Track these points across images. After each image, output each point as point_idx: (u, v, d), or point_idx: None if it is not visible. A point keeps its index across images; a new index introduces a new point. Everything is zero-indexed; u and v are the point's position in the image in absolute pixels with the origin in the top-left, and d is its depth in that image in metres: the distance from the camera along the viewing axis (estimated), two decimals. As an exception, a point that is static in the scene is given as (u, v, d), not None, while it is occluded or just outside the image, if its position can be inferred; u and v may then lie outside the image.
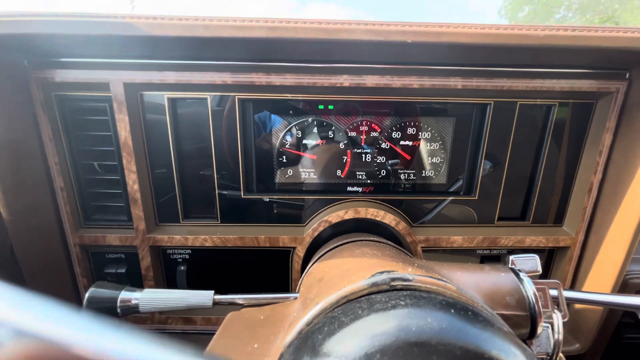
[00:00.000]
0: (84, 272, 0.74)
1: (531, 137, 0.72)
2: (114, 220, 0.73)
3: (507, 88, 0.65)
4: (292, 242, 0.72)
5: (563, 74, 0.65)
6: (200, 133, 0.69)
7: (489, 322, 0.28)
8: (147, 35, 0.53)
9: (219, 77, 0.63)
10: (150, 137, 0.68)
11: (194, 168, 0.72)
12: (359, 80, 0.64)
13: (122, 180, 0.69)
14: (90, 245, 0.73)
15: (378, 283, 0.31)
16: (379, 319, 0.28)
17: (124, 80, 0.62)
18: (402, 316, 0.28)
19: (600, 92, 0.66)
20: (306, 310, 0.33)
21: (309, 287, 0.44)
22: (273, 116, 0.70)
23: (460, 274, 0.40)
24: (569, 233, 0.76)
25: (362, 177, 0.75)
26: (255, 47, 0.58)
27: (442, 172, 0.75)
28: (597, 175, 0.71)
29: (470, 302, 0.31)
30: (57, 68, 0.62)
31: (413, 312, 0.28)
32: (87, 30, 0.53)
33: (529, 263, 0.45)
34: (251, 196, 0.73)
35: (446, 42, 0.54)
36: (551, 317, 0.41)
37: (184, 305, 0.49)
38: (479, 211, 0.76)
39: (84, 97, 0.65)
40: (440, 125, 0.72)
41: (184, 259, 0.76)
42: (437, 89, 0.65)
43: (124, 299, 0.48)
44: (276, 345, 0.34)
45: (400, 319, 0.27)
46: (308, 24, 0.53)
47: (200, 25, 0.52)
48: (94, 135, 0.68)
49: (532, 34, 0.53)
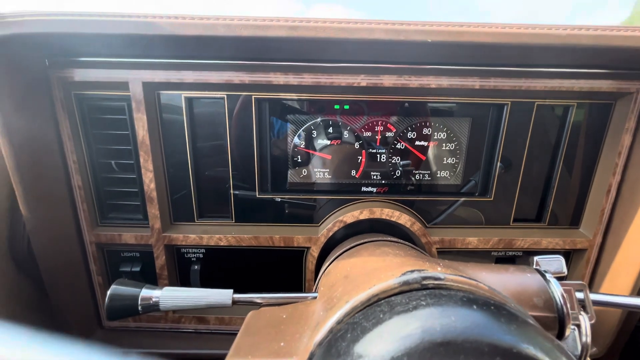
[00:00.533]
0: (99, 270, 0.74)
1: (548, 138, 0.71)
2: (130, 219, 0.74)
3: (525, 88, 0.65)
4: (307, 242, 0.72)
5: (582, 74, 0.65)
6: (217, 133, 0.69)
7: (518, 318, 0.28)
8: (169, 35, 0.53)
9: (237, 77, 0.63)
10: (167, 137, 0.69)
11: (210, 167, 0.72)
12: (376, 80, 0.64)
13: (138, 179, 0.69)
14: (106, 243, 0.73)
15: (409, 282, 0.31)
16: (403, 320, 0.28)
17: (143, 80, 0.63)
18: (426, 316, 0.27)
19: (619, 93, 0.66)
20: (335, 309, 0.33)
21: (331, 286, 0.44)
22: (289, 116, 0.70)
23: (486, 275, 0.40)
24: (586, 235, 0.75)
25: (376, 177, 0.75)
26: (273, 47, 0.58)
27: (457, 172, 0.74)
28: (616, 176, 0.70)
29: (501, 299, 0.31)
30: (77, 67, 0.63)
31: (434, 311, 0.28)
32: (107, 29, 0.53)
33: (554, 264, 0.44)
34: (266, 196, 0.73)
35: (467, 41, 0.54)
36: (577, 319, 0.40)
37: (204, 303, 0.49)
38: (494, 212, 0.75)
39: (103, 96, 0.66)
40: (456, 125, 0.71)
41: (198, 258, 0.76)
42: (455, 89, 0.65)
43: (145, 296, 0.48)
44: (303, 343, 0.34)
45: (424, 319, 0.27)
46: (328, 24, 0.53)
47: (221, 25, 0.52)
48: (112, 134, 0.68)
49: (554, 34, 0.53)
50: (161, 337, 0.78)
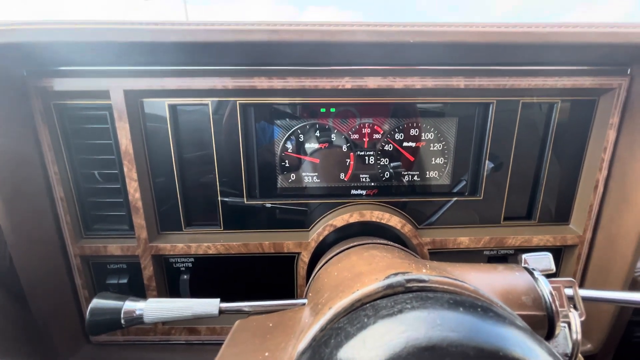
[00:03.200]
0: (85, 284, 0.72)
1: (535, 135, 0.72)
2: (115, 230, 0.72)
3: (510, 86, 0.65)
4: (297, 247, 0.71)
5: (565, 71, 0.65)
6: (202, 139, 0.68)
7: (505, 320, 0.27)
8: (148, 42, 0.53)
9: (220, 82, 0.63)
10: (151, 145, 0.68)
11: (196, 175, 0.71)
12: (360, 82, 0.63)
13: (123, 188, 0.68)
14: (91, 255, 0.71)
15: (393, 285, 0.30)
16: (387, 324, 0.27)
17: (124, 88, 0.62)
18: (411, 320, 0.27)
19: (602, 89, 0.66)
20: (319, 316, 0.32)
21: (318, 292, 0.43)
22: (275, 120, 0.69)
23: (474, 275, 0.39)
24: (576, 231, 0.75)
25: (365, 179, 0.74)
26: (256, 51, 0.58)
27: (446, 172, 0.74)
28: (603, 172, 0.70)
29: (487, 301, 0.30)
30: (56, 77, 0.62)
31: (419, 314, 0.27)
32: (85, 37, 0.52)
33: (543, 261, 0.44)
34: (254, 202, 0.72)
35: (448, 41, 0.54)
36: (567, 316, 0.40)
37: (190, 314, 0.47)
38: (485, 211, 0.75)
39: (84, 105, 0.65)
40: (443, 125, 0.71)
41: (187, 267, 0.75)
42: (440, 89, 0.65)
43: (128, 309, 0.46)
44: (288, 353, 0.33)
45: (408, 323, 0.26)
46: (309, 27, 0.53)
47: (201, 30, 0.52)
48: (94, 143, 0.67)
49: (534, 32, 0.53)
50: (151, 350, 0.76)
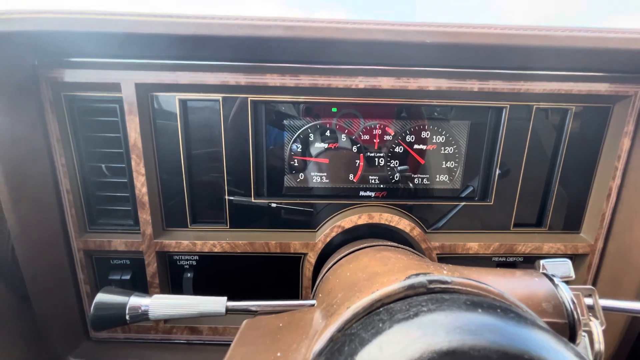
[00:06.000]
0: (87, 279, 0.71)
1: (547, 141, 0.71)
2: (120, 225, 0.71)
3: (524, 91, 0.64)
4: (304, 247, 0.70)
5: (580, 77, 0.64)
6: (211, 135, 0.68)
7: (528, 322, 0.26)
8: (163, 34, 0.52)
9: (232, 78, 0.62)
10: (160, 140, 0.67)
11: (204, 171, 0.70)
12: (374, 82, 0.63)
13: (130, 183, 0.67)
14: (94, 250, 0.70)
15: (415, 285, 0.29)
16: (404, 330, 0.26)
17: (136, 81, 0.61)
18: (429, 323, 0.25)
19: (618, 96, 0.65)
20: (335, 317, 0.31)
21: (330, 293, 0.42)
22: (285, 119, 0.69)
23: (492, 279, 0.38)
24: (587, 240, 0.74)
25: (375, 181, 0.73)
26: (270, 47, 0.57)
27: (456, 177, 0.73)
28: (616, 180, 0.69)
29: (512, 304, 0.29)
30: (67, 68, 0.61)
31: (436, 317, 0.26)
32: (98, 28, 0.52)
33: (562, 268, 0.43)
34: (262, 200, 0.71)
35: (465, 42, 0.53)
36: (588, 325, 0.38)
37: (196, 312, 0.46)
38: (495, 217, 0.74)
39: (94, 97, 0.64)
40: (455, 129, 0.70)
41: (191, 265, 0.74)
42: (453, 92, 0.64)
43: (133, 305, 0.45)
44: (301, 354, 0.32)
45: (426, 327, 0.25)
46: (326, 24, 0.52)
47: (217, 24, 0.51)
48: (102, 136, 0.66)
49: (553, 35, 0.53)
50: (152, 348, 0.75)
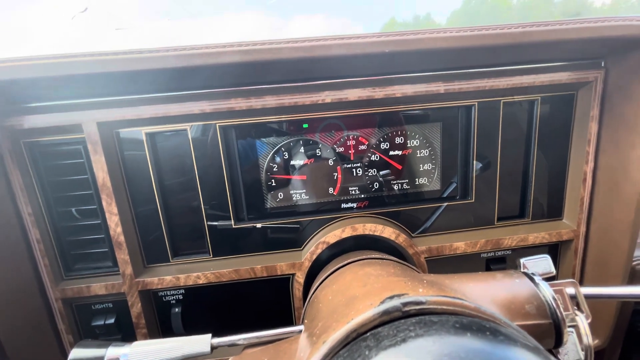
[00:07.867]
0: (69, 329, 0.68)
1: (519, 134, 0.72)
2: (98, 268, 0.69)
3: (489, 87, 0.65)
4: (291, 268, 0.69)
5: (541, 68, 0.66)
6: (183, 165, 0.66)
7: (512, 340, 0.26)
8: (117, 72, 0.51)
9: (197, 107, 0.61)
10: (131, 175, 0.65)
11: (180, 202, 0.68)
12: (340, 95, 0.63)
13: (103, 224, 0.65)
14: (73, 297, 0.67)
15: (389, 310, 0.28)
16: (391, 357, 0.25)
17: (98, 120, 0.59)
18: (417, 350, 0.25)
19: (579, 83, 0.67)
20: (313, 351, 0.30)
21: (313, 320, 0.41)
22: (257, 140, 0.68)
23: (473, 286, 0.38)
24: (570, 225, 0.74)
25: (355, 192, 0.73)
26: (231, 72, 0.57)
27: (435, 178, 0.73)
28: (589, 164, 0.70)
29: (491, 318, 0.28)
30: (24, 114, 0.59)
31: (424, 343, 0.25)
32: (51, 72, 0.50)
33: (542, 264, 0.42)
34: (243, 225, 0.70)
35: (423, 48, 0.53)
36: (574, 320, 0.38)
37: (179, 355, 0.44)
38: (478, 214, 0.74)
39: (56, 141, 0.62)
40: (428, 131, 0.71)
41: (177, 300, 0.71)
42: (420, 96, 0.65)
43: (111, 357, 0.43)
44: (284, 393, 0.30)
45: (416, 355, 0.24)
46: (283, 44, 0.52)
47: (172, 56, 0.50)
48: (69, 180, 0.64)
49: (507, 33, 0.53)
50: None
